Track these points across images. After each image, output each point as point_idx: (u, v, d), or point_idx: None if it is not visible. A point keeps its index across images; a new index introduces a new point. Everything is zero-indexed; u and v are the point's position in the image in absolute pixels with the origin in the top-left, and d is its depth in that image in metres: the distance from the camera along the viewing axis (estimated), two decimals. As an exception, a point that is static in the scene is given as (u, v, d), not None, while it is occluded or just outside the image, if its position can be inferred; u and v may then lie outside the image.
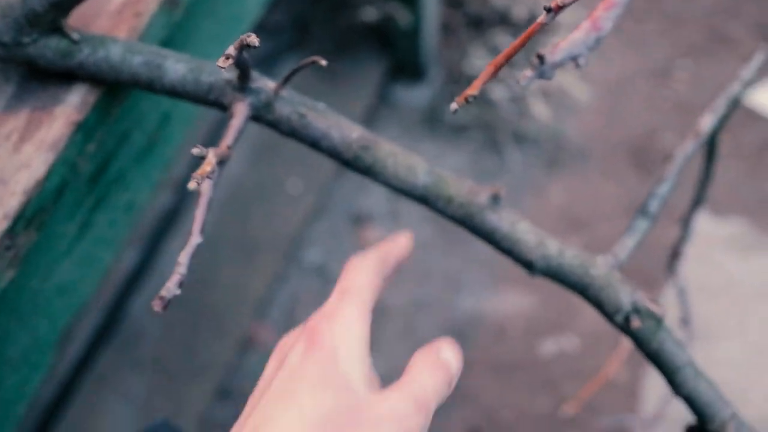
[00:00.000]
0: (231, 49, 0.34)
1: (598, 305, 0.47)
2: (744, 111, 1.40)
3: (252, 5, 0.70)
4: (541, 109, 1.37)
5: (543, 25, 0.36)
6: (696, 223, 0.74)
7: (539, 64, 0.25)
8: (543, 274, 0.46)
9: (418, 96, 1.47)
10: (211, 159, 0.36)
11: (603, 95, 1.48)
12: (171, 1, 0.52)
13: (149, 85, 0.45)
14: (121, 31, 0.49)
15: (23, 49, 0.45)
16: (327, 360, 0.33)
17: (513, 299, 1.25)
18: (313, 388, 0.32)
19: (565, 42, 0.25)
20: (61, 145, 0.45)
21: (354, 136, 0.44)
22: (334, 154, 0.44)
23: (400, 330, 1.23)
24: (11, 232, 0.43)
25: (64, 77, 0.47)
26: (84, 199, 0.53)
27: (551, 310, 1.24)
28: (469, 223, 0.45)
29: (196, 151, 0.36)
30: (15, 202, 0.43)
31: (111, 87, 0.48)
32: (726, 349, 1.16)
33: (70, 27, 0.45)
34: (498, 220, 0.45)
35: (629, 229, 0.51)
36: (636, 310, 0.46)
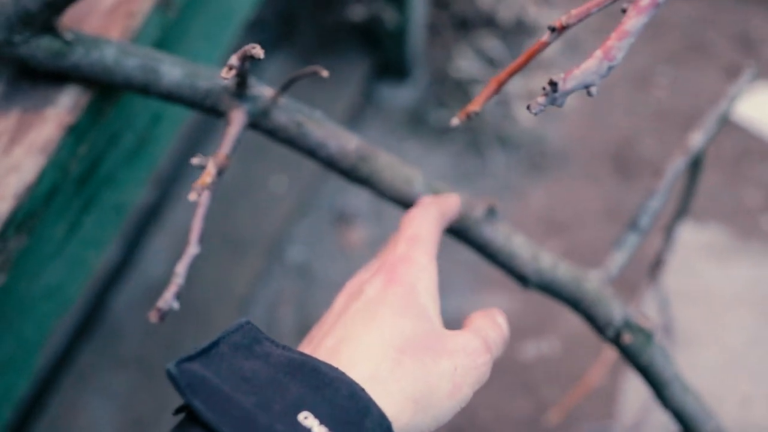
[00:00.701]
0: (234, 59, 0.34)
1: (589, 319, 0.47)
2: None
3: (242, 3, 0.69)
4: (525, 113, 1.38)
5: (546, 45, 0.37)
6: (678, 233, 0.75)
7: (552, 91, 0.25)
8: (536, 287, 0.47)
9: (402, 96, 1.47)
10: (211, 169, 0.35)
11: (585, 101, 1.49)
12: (165, 1, 0.51)
13: (144, 89, 0.44)
14: (114, 31, 0.48)
15: (14, 49, 0.44)
16: (407, 292, 0.34)
17: (494, 302, 1.26)
18: (395, 313, 0.33)
19: (578, 70, 0.25)
20: (53, 148, 0.44)
21: (351, 146, 0.44)
22: (331, 163, 0.44)
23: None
24: (2, 237, 0.42)
25: (55, 77, 0.46)
26: (73, 201, 0.52)
27: (533, 313, 1.24)
28: (465, 236, 0.45)
29: (196, 162, 0.35)
30: (5, 206, 0.42)
31: (104, 88, 0.47)
32: (703, 355, 1.18)
33: (63, 27, 0.44)
34: (493, 233, 0.45)
35: (619, 243, 0.51)
36: (627, 324, 0.47)
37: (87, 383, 1.08)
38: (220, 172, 0.37)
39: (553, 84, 0.25)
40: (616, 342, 0.48)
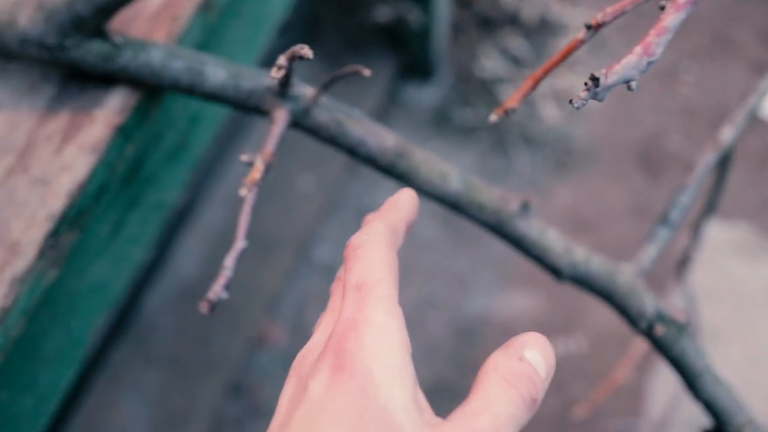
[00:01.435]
0: (282, 60, 0.35)
1: (622, 311, 0.48)
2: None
3: (276, 6, 0.71)
4: (550, 112, 1.38)
5: (582, 42, 0.38)
6: (705, 231, 0.75)
7: (594, 86, 0.26)
8: (570, 280, 0.48)
9: (427, 96, 1.48)
10: (260, 166, 0.37)
11: (611, 98, 1.49)
12: (206, 5, 0.53)
13: (189, 90, 0.46)
14: (159, 34, 0.50)
15: (66, 52, 0.46)
16: (361, 389, 0.26)
17: (521, 300, 1.27)
18: (347, 428, 0.25)
19: (619, 65, 0.26)
20: (102, 148, 0.46)
21: (389, 143, 0.45)
22: (370, 160, 0.46)
23: (408, 330, 1.24)
24: (55, 233, 0.44)
25: (103, 79, 0.48)
26: (118, 199, 0.54)
27: (559, 311, 1.25)
28: (500, 230, 0.46)
29: (244, 159, 0.37)
30: (59, 204, 0.44)
31: (149, 90, 0.49)
32: (730, 352, 1.18)
33: (112, 31, 0.46)
34: (528, 227, 0.46)
35: (651, 237, 0.52)
36: (660, 317, 0.48)
37: (120, 381, 1.10)
38: (267, 168, 0.38)
39: (595, 79, 0.26)
40: (648, 334, 0.48)
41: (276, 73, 0.33)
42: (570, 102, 0.27)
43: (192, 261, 1.22)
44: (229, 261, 0.39)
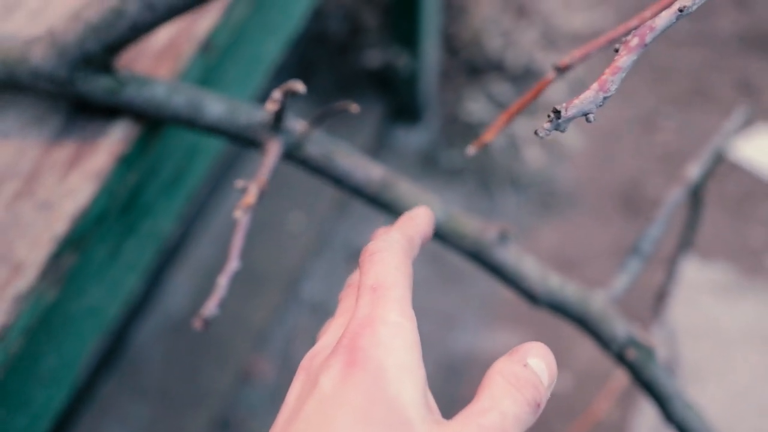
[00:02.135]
0: (277, 94, 0.38)
1: (595, 336, 0.51)
2: (726, 163, 1.46)
3: (271, 49, 0.74)
4: (535, 155, 1.43)
5: (550, 82, 0.41)
6: (682, 268, 0.78)
7: (555, 118, 0.29)
8: (546, 306, 0.50)
9: (415, 138, 1.53)
10: (254, 191, 0.40)
11: (594, 143, 1.54)
12: (206, 45, 0.57)
13: (189, 123, 0.49)
14: (163, 71, 0.53)
15: (75, 86, 0.49)
16: (373, 383, 0.26)
17: (506, 337, 1.29)
18: (358, 420, 0.25)
19: (578, 100, 0.29)
20: (105, 176, 0.49)
21: (375, 175, 0.49)
22: (357, 191, 0.49)
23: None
24: (58, 255, 0.46)
25: (108, 111, 0.51)
26: (116, 226, 0.56)
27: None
28: (479, 258, 0.49)
29: (240, 184, 0.40)
30: (62, 227, 0.47)
31: (151, 122, 0.52)
32: (711, 390, 1.20)
33: (119, 67, 0.49)
34: (505, 255, 0.49)
35: (623, 267, 0.55)
36: (631, 341, 0.50)
37: (108, 413, 1.11)
38: (260, 194, 0.41)
39: (557, 111, 0.29)
40: (620, 358, 0.51)
41: (271, 106, 0.36)
42: (535, 133, 0.30)
43: (181, 296, 1.24)
44: (223, 279, 0.41)
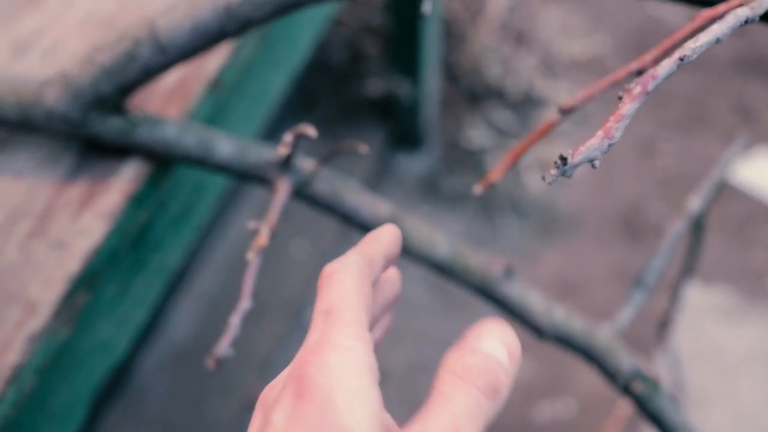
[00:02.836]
0: (288, 137, 0.39)
1: (602, 368, 0.51)
2: (726, 187, 1.47)
3: (277, 84, 0.76)
4: (535, 181, 1.44)
5: (556, 124, 0.42)
6: (685, 293, 0.79)
7: (562, 164, 0.30)
8: (552, 339, 0.51)
9: (416, 165, 1.54)
10: (265, 232, 0.40)
11: (594, 169, 1.55)
12: (215, 84, 0.58)
13: (200, 162, 0.50)
14: (173, 110, 0.54)
15: (88, 127, 0.50)
16: (321, 415, 0.25)
17: (509, 363, 1.29)
18: None
19: (584, 147, 0.30)
20: (117, 215, 0.50)
21: (382, 212, 0.49)
22: (364, 227, 0.49)
23: (398, 394, 1.26)
24: (71, 294, 0.47)
25: (119, 151, 0.52)
26: (126, 262, 0.57)
27: (547, 373, 1.27)
28: (485, 293, 0.50)
29: (252, 226, 0.40)
30: (75, 266, 0.48)
31: (161, 160, 0.53)
32: (716, 416, 1.20)
33: (130, 107, 0.50)
34: (511, 290, 0.50)
35: (628, 300, 0.56)
36: (637, 374, 0.51)
37: (113, 444, 1.10)
38: (272, 234, 0.42)
39: (563, 158, 0.30)
40: (626, 390, 0.51)
41: (283, 150, 0.37)
42: (542, 178, 0.31)
43: (186, 325, 1.24)
44: (235, 319, 0.42)
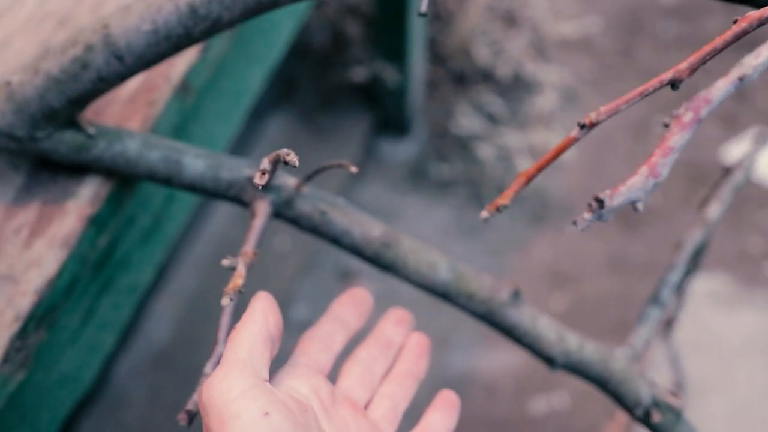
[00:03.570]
0: (266, 163, 0.34)
1: (618, 399, 0.47)
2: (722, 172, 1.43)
3: (254, 78, 0.69)
4: (526, 166, 1.39)
5: (576, 140, 0.37)
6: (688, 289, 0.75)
7: (598, 207, 0.25)
8: (564, 368, 0.46)
9: (403, 151, 1.48)
10: (242, 271, 0.35)
11: (586, 152, 1.50)
12: (183, 87, 0.52)
13: (167, 181, 0.44)
14: (135, 120, 0.48)
15: (37, 144, 0.44)
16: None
17: (502, 357, 1.25)
18: None
19: (624, 187, 0.25)
20: (74, 241, 0.44)
21: (375, 233, 0.44)
22: (355, 250, 0.44)
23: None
24: (22, 333, 0.41)
25: (75, 169, 0.46)
26: (89, 287, 0.51)
27: (540, 367, 1.23)
28: (491, 319, 0.45)
29: (226, 263, 0.35)
30: (26, 302, 0.42)
31: (124, 178, 0.47)
32: (714, 405, 1.17)
33: (85, 121, 0.44)
34: (519, 316, 0.45)
35: (642, 319, 0.51)
36: (656, 403, 0.46)
37: (91, 453, 1.05)
38: (249, 269, 0.37)
39: (600, 201, 0.25)
40: (645, 421, 0.47)
41: (260, 179, 0.32)
42: (574, 223, 0.25)
43: (164, 325, 1.18)
44: (209, 368, 0.36)
